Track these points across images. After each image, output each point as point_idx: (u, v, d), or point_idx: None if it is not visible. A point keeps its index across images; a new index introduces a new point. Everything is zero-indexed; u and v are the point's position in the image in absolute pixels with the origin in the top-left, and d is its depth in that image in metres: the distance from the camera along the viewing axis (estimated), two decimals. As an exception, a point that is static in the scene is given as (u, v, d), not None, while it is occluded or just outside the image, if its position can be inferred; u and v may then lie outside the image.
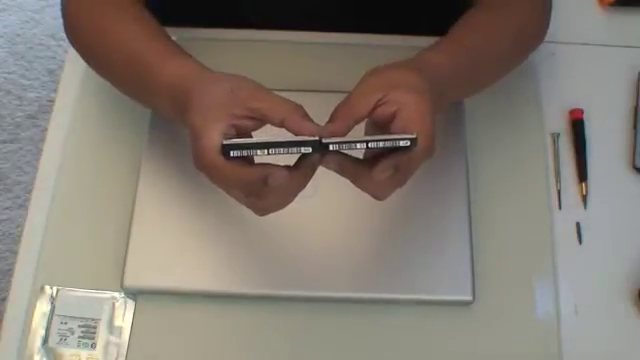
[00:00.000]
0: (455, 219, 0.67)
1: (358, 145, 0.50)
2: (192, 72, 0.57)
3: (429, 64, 0.59)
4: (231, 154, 0.49)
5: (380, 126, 0.54)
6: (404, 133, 0.51)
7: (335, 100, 0.55)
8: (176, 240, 0.67)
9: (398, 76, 0.55)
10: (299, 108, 0.53)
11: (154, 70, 0.59)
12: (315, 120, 0.53)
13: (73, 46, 0.69)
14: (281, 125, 0.52)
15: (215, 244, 0.67)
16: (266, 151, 0.49)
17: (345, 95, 0.54)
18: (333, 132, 0.52)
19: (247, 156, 0.51)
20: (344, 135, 0.52)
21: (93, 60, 0.68)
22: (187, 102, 0.54)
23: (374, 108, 0.53)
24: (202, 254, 0.66)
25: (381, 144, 0.50)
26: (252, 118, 0.52)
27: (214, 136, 0.50)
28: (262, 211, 0.55)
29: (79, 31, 0.67)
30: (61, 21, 0.68)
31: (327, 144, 0.49)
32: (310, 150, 0.49)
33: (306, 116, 0.53)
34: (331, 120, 0.54)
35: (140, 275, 0.65)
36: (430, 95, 0.54)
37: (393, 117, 0.53)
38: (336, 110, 0.55)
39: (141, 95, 0.64)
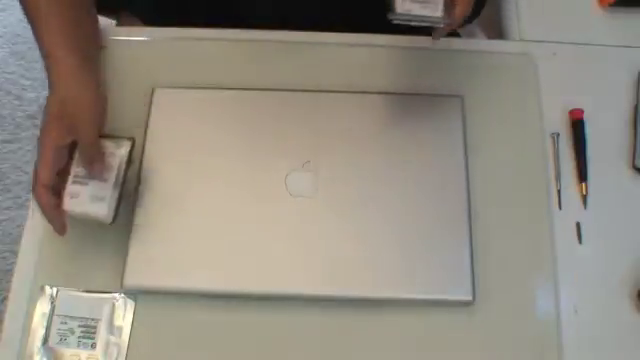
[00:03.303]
0: (455, 219, 0.67)
1: None
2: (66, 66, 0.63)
3: None
4: None
5: None
6: None
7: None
8: (176, 240, 0.67)
9: None
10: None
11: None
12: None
13: None
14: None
15: (215, 244, 0.66)
16: None
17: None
18: None
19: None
20: None
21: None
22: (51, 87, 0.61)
23: None
24: (202, 254, 0.66)
25: None
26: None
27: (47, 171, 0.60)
28: None
29: None
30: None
31: None
32: None
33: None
34: None
35: (140, 275, 0.65)
36: None
37: None
38: None
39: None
